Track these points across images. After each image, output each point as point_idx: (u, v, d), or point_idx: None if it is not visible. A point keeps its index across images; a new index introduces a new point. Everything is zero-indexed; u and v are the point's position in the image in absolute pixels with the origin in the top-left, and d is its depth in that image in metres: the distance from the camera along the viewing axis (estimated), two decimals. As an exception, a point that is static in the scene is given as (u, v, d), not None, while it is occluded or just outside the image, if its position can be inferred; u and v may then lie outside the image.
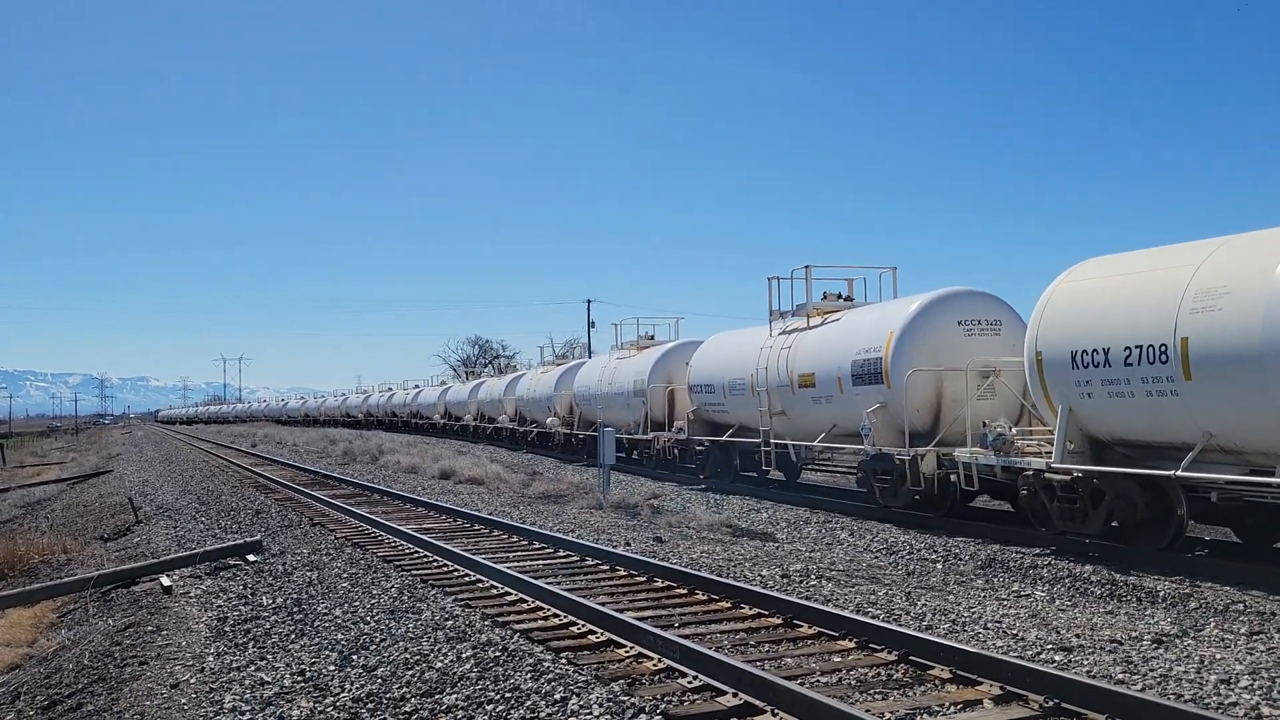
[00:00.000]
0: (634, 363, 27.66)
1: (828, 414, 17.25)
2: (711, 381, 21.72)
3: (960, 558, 12.17)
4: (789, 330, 19.06)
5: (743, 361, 20.21)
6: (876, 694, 6.46)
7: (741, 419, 20.68)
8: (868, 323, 16.74)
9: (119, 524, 18.27)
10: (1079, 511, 12.14)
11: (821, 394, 17.31)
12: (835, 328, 17.65)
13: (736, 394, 20.45)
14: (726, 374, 20.96)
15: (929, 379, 15.20)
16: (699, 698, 6.43)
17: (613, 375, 28.82)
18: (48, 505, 27.19)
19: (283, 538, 14.61)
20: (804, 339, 18.29)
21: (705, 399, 22.11)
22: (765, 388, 18.97)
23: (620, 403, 27.93)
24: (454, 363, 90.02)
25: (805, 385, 17.77)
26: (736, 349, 21.02)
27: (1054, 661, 7.10)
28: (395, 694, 6.69)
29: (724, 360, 21.39)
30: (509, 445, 40.09)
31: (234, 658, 7.96)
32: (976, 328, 15.49)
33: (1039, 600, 9.58)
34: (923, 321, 15.53)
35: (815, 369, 17.50)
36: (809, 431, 17.98)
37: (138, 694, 7.27)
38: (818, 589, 9.94)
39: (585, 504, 18.75)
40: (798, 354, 18.18)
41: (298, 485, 23.81)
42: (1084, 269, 12.63)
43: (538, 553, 12.72)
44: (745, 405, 20.10)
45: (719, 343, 22.75)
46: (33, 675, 8.83)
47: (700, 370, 22.55)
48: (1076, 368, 11.86)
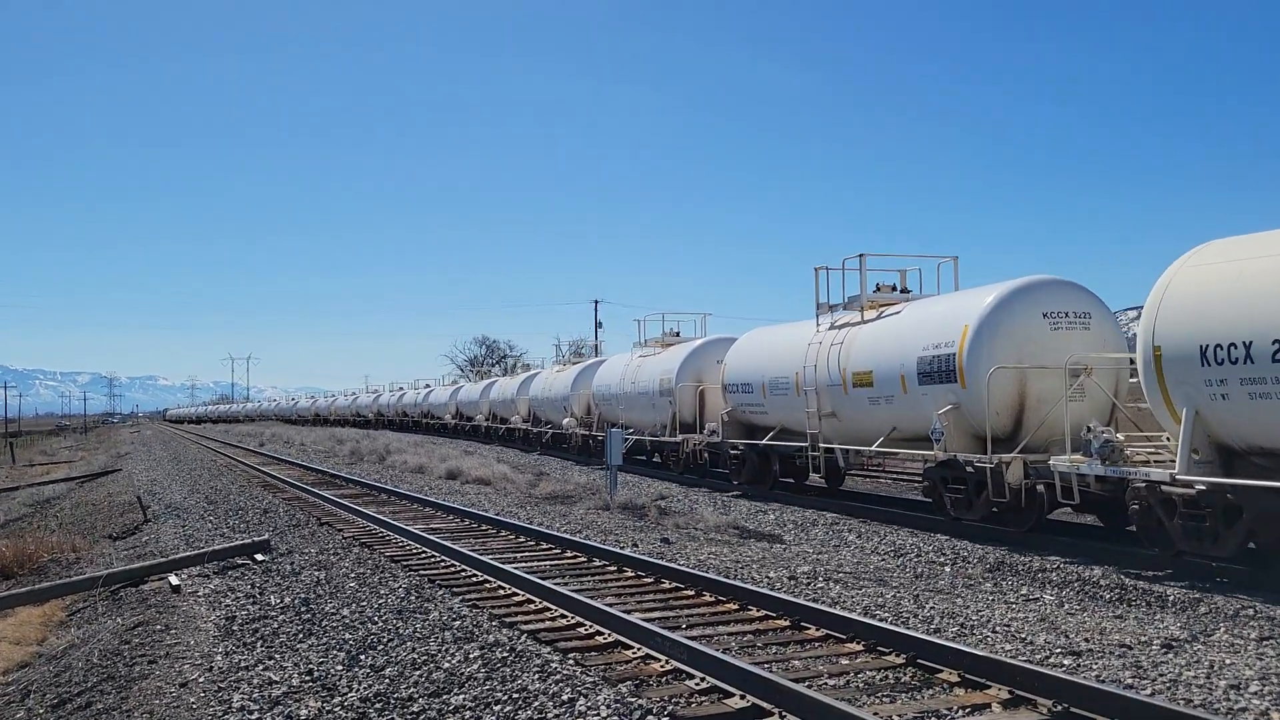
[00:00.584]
0: (660, 361, 26.36)
1: (887, 416, 15.82)
2: (749, 380, 20.24)
3: (968, 560, 12.14)
4: (840, 325, 17.56)
5: (786, 359, 18.80)
6: (885, 697, 6.45)
7: (783, 421, 19.22)
8: (936, 315, 15.13)
9: (128, 523, 18.32)
10: (1208, 531, 10.69)
11: (880, 394, 15.84)
12: (896, 321, 16.11)
13: (779, 394, 19.06)
14: (767, 372, 19.49)
15: (1011, 377, 13.67)
16: (706, 700, 6.43)
17: (636, 374, 27.45)
18: (57, 504, 27.28)
19: (290, 537, 14.64)
20: (859, 334, 16.79)
21: (742, 399, 20.66)
22: (813, 387, 17.51)
23: (644, 403, 26.64)
24: (461, 363, 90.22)
25: (861, 384, 16.29)
26: (779, 345, 19.57)
27: (1063, 665, 7.08)
28: (403, 694, 6.70)
29: (764, 357, 19.91)
30: (522, 446, 39.31)
31: (242, 657, 7.98)
32: (1064, 320, 13.87)
33: (1048, 604, 9.56)
34: (1004, 313, 13.93)
35: (873, 367, 16.00)
36: (863, 435, 16.59)
37: (147, 693, 7.29)
38: (825, 591, 9.92)
39: (592, 505, 18.74)
40: (851, 350, 16.70)
41: (305, 485, 23.85)
42: (1211, 251, 11.12)
43: (545, 553, 12.72)
44: (789, 406, 18.72)
45: (758, 339, 21.14)
46: (42, 673, 8.86)
47: (736, 368, 21.01)
48: (1207, 364, 10.36)
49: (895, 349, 15.60)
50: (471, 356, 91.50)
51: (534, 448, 37.66)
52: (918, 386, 14.95)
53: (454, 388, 57.91)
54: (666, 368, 25.45)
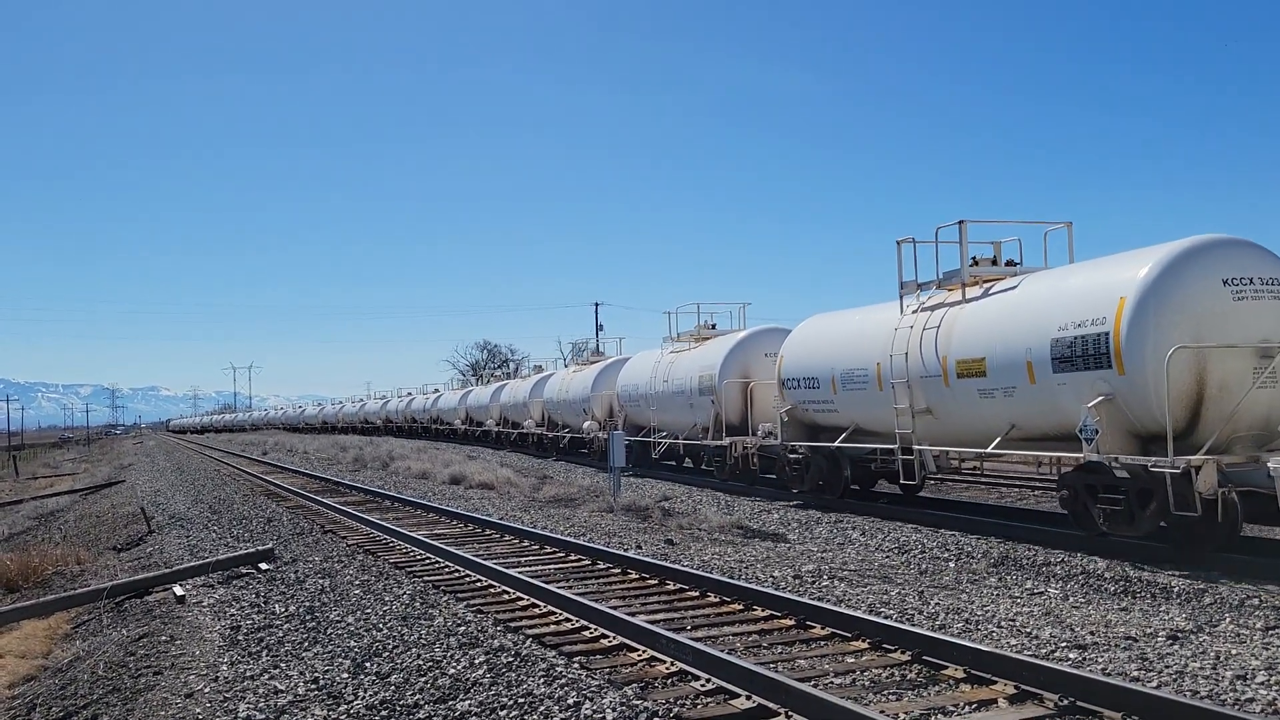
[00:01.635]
0: (698, 356, 23.80)
1: (1003, 411, 13.27)
2: (814, 374, 17.65)
3: (973, 556, 12.13)
4: (933, 305, 15.01)
5: (864, 347, 16.36)
6: (890, 695, 6.45)
7: (859, 419, 16.75)
8: (1075, 288, 12.46)
9: (132, 534, 18.33)
10: None
11: (995, 385, 13.27)
12: (1014, 298, 13.47)
13: (854, 388, 16.59)
14: (837, 363, 16.98)
15: (1188, 360, 10.92)
16: (712, 700, 6.43)
17: (669, 371, 25.04)
18: (61, 516, 27.29)
19: (295, 545, 14.64)
20: (961, 315, 14.19)
21: (804, 396, 18.07)
22: (903, 379, 14.94)
23: (680, 403, 24.26)
24: (463, 368, 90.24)
25: (968, 374, 13.74)
26: (852, 332, 17.13)
27: (1068, 660, 7.08)
28: (409, 700, 6.70)
29: (834, 347, 17.38)
30: (535, 452, 37.56)
31: (248, 666, 7.98)
32: (1249, 289, 11.22)
33: (1053, 598, 9.55)
34: (1173, 281, 11.20)
35: (985, 353, 13.42)
36: (970, 434, 14.12)
37: (153, 704, 7.29)
38: (830, 590, 9.92)
39: (596, 507, 18.74)
40: (953, 334, 14.13)
41: (309, 493, 23.85)
42: None
43: (549, 557, 12.72)
44: (867, 402, 16.26)
45: (823, 326, 18.56)
46: (48, 686, 8.86)
47: (797, 361, 18.40)
48: None
49: (1017, 330, 13.02)
50: (473, 361, 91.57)
51: (549, 453, 35.92)
52: (1051, 375, 12.28)
53: (463, 391, 55.74)
54: (707, 363, 22.94)
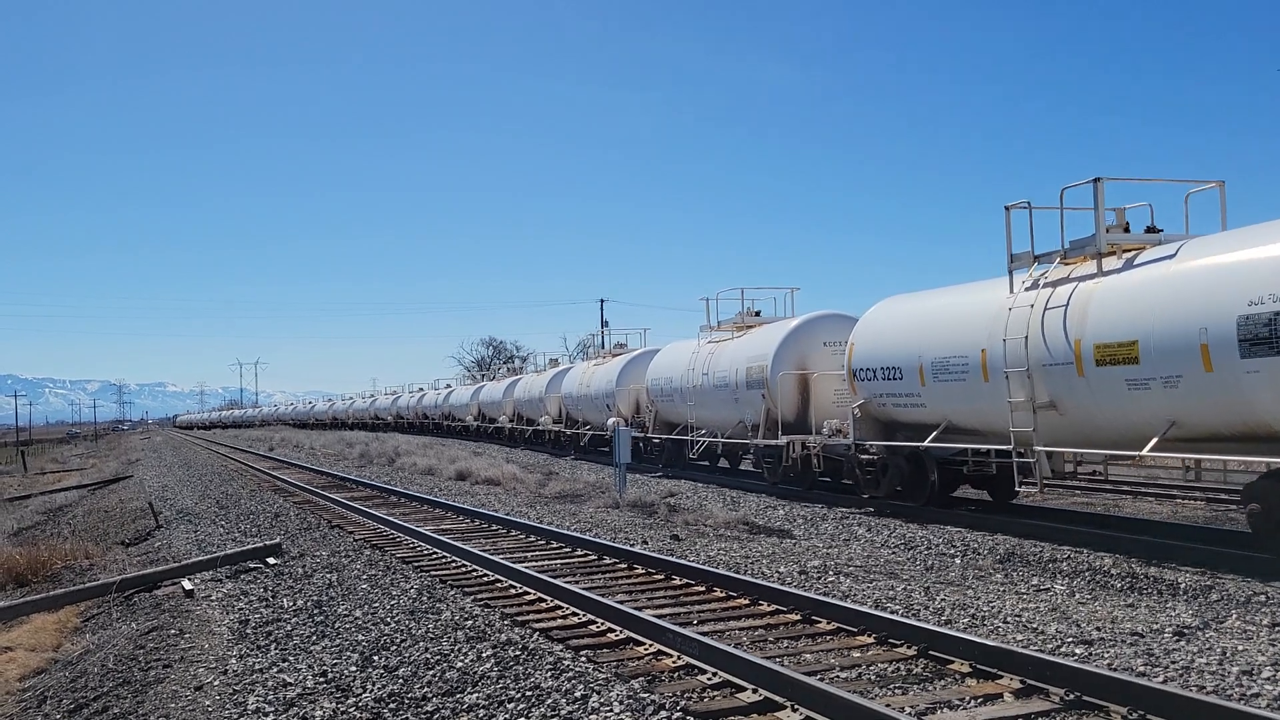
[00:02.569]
0: (744, 345, 21.66)
1: (1162, 405, 11.21)
2: (896, 364, 15.61)
3: (979, 552, 12.13)
4: (1057, 280, 12.88)
5: (961, 332, 14.27)
6: (896, 689, 6.47)
7: (953, 415, 14.64)
8: (1267, 255, 10.31)
9: (140, 529, 18.40)
10: None
11: (1151, 374, 11.19)
12: (1174, 269, 11.37)
13: (949, 379, 14.44)
14: (926, 351, 14.86)
15: None
16: (719, 694, 6.46)
17: (709, 363, 22.90)
18: (69, 511, 27.39)
19: (302, 540, 14.69)
20: (1099, 290, 12.16)
21: (882, 389, 16.05)
22: (1020, 368, 12.82)
23: (722, 398, 22.11)
24: (468, 364, 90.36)
25: (1111, 361, 11.69)
26: (945, 315, 15.00)
27: (1075, 655, 7.09)
28: (417, 694, 6.73)
29: (920, 332, 15.27)
30: (553, 450, 35.87)
31: (256, 660, 8.02)
32: None
33: (1059, 594, 9.56)
34: None
35: (1137, 335, 11.37)
36: (1111, 432, 12.11)
37: (162, 696, 7.33)
38: (836, 585, 9.94)
39: (602, 503, 18.78)
40: (1088, 313, 12.07)
41: (316, 488, 23.92)
42: None
43: (555, 552, 12.75)
44: (967, 395, 14.15)
45: (904, 309, 16.43)
46: (58, 679, 8.91)
47: (872, 349, 16.36)
48: None
49: (1185, 307, 11.02)
50: (479, 358, 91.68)
51: (567, 451, 34.11)
52: (1239, 360, 10.32)
53: (475, 387, 53.76)
54: (757, 353, 20.66)
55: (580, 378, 33.72)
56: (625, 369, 29.55)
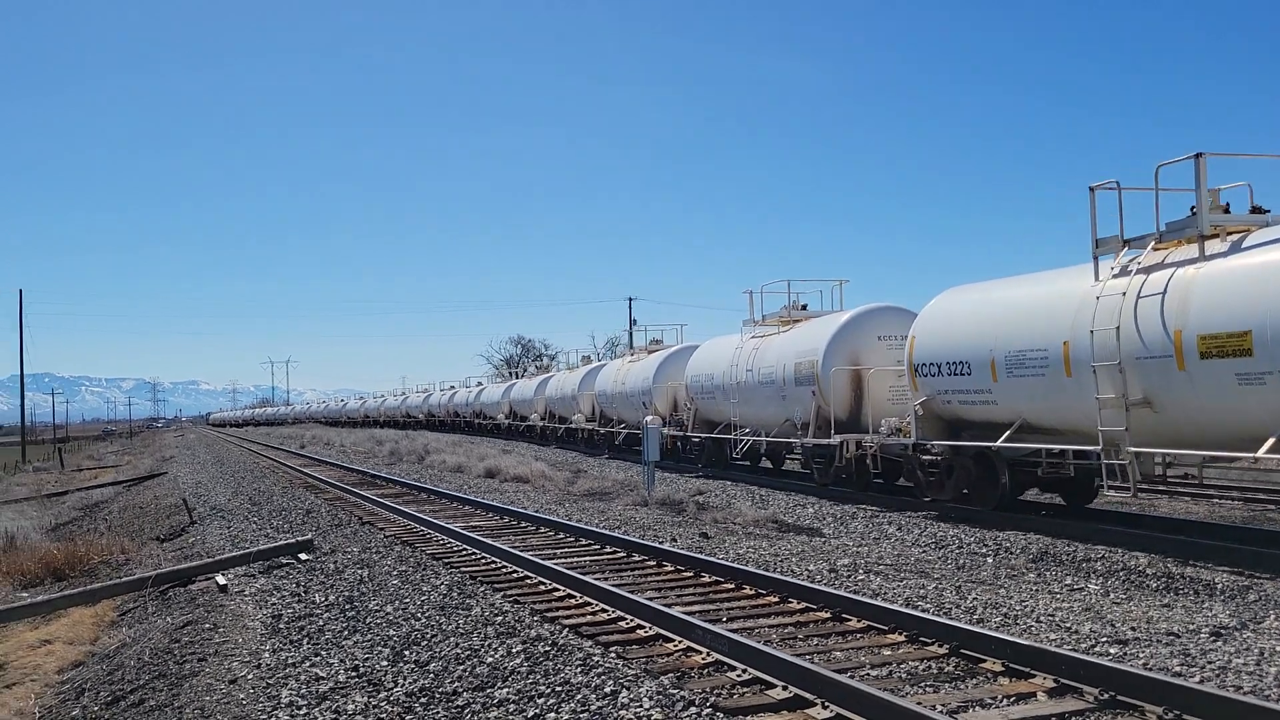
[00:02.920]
0: (792, 340, 20.67)
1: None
2: (963, 358, 14.62)
3: (1011, 551, 12.04)
4: (1150, 266, 11.90)
5: (1039, 322, 13.29)
6: (928, 687, 6.43)
7: (1029, 413, 13.61)
8: None
9: (174, 525, 18.61)
10: None
11: (1268, 367, 10.24)
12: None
13: (1025, 374, 13.42)
14: (999, 344, 13.86)
15: None
16: (749, 691, 6.45)
17: (754, 358, 21.94)
18: (105, 507, 27.78)
19: (333, 536, 14.81)
20: (1202, 276, 11.13)
21: (947, 385, 14.99)
22: (1111, 361, 11.79)
23: (767, 395, 21.17)
24: (496, 362, 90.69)
25: (1219, 353, 10.71)
26: (1020, 305, 13.96)
27: (1109, 654, 7.02)
28: (448, 688, 6.77)
29: (992, 324, 14.26)
30: (586, 449, 35.18)
31: (289, 654, 8.09)
32: None
33: (1093, 594, 9.46)
34: None
35: (1249, 325, 10.39)
36: (1218, 433, 11.16)
37: (197, 689, 7.42)
38: (866, 583, 9.89)
39: (630, 501, 18.79)
40: (1190, 302, 11.10)
41: (346, 485, 24.11)
42: None
43: (584, 549, 12.78)
44: (1046, 392, 13.13)
45: (971, 299, 15.42)
46: (95, 672, 9.04)
47: (936, 342, 15.37)
48: None
49: None
50: (507, 356, 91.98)
51: (600, 450, 33.28)
52: None
53: (507, 384, 52.87)
54: (806, 348, 19.66)
55: (615, 375, 32.87)
56: (662, 365, 28.75)
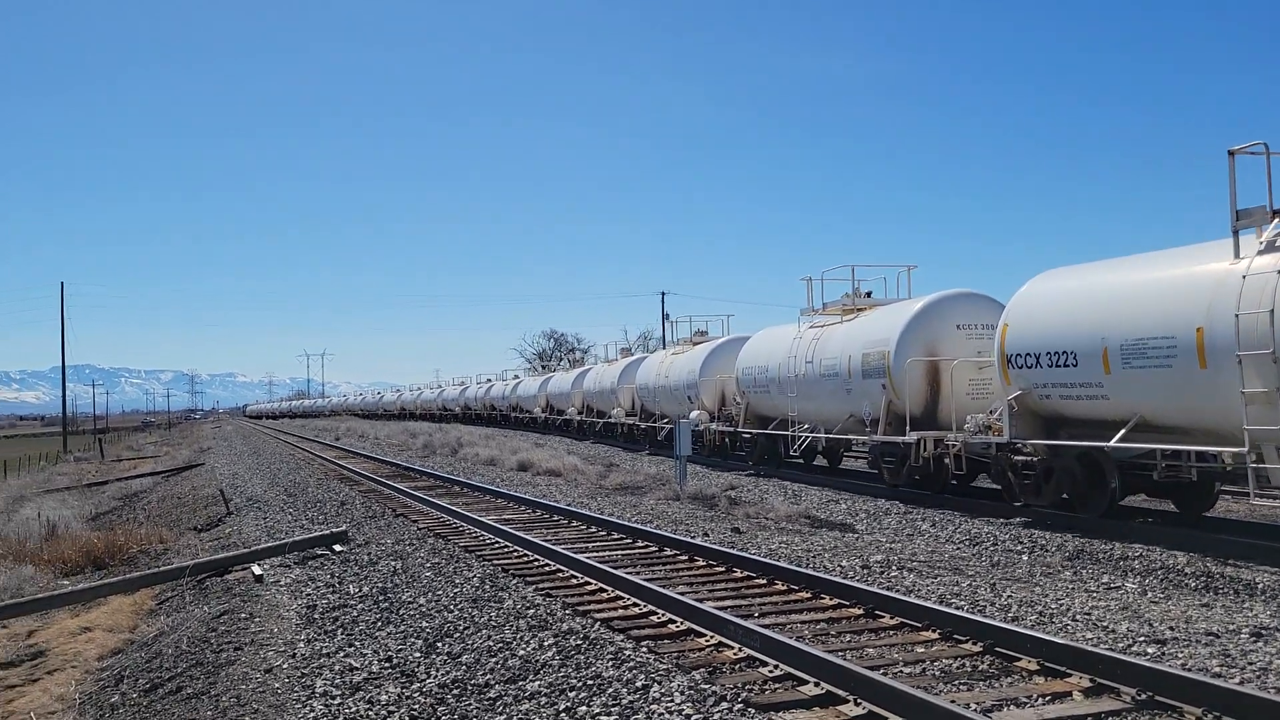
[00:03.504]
0: (857, 329, 19.23)
1: None
2: (1067, 347, 13.21)
3: (1047, 549, 11.92)
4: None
5: (1163, 306, 11.92)
6: (961, 685, 6.38)
7: (1148, 409, 12.29)
8: None
9: (211, 515, 18.85)
10: None
11: None
12: None
13: (1145, 365, 12.06)
14: (1112, 331, 12.48)
15: None
16: (780, 686, 6.42)
17: (814, 349, 20.56)
18: (144, 497, 28.19)
19: (367, 528, 14.93)
20: None
21: (1047, 378, 13.61)
22: (1264, 350, 10.47)
23: (830, 388, 19.80)
24: (529, 356, 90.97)
25: None
26: (1139, 287, 12.54)
27: (1147, 654, 6.92)
28: (480, 680, 6.81)
29: (1102, 309, 12.84)
30: (625, 444, 34.30)
31: (323, 644, 8.17)
32: None
33: (1130, 592, 9.35)
34: None
35: None
36: None
37: (234, 678, 7.51)
38: (899, 580, 9.83)
39: (662, 495, 18.79)
40: None
41: (380, 477, 24.29)
42: None
43: (616, 543, 12.79)
44: (1172, 385, 11.78)
45: (1072, 285, 13.93)
46: (134, 659, 9.18)
47: (1032, 330, 13.99)
48: None
49: None
50: (540, 349, 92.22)
51: (641, 445, 32.41)
52: None
53: (544, 378, 52.36)
54: (875, 337, 18.31)
55: (657, 368, 31.57)
56: (710, 357, 27.39)
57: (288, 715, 6.47)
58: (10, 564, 14.28)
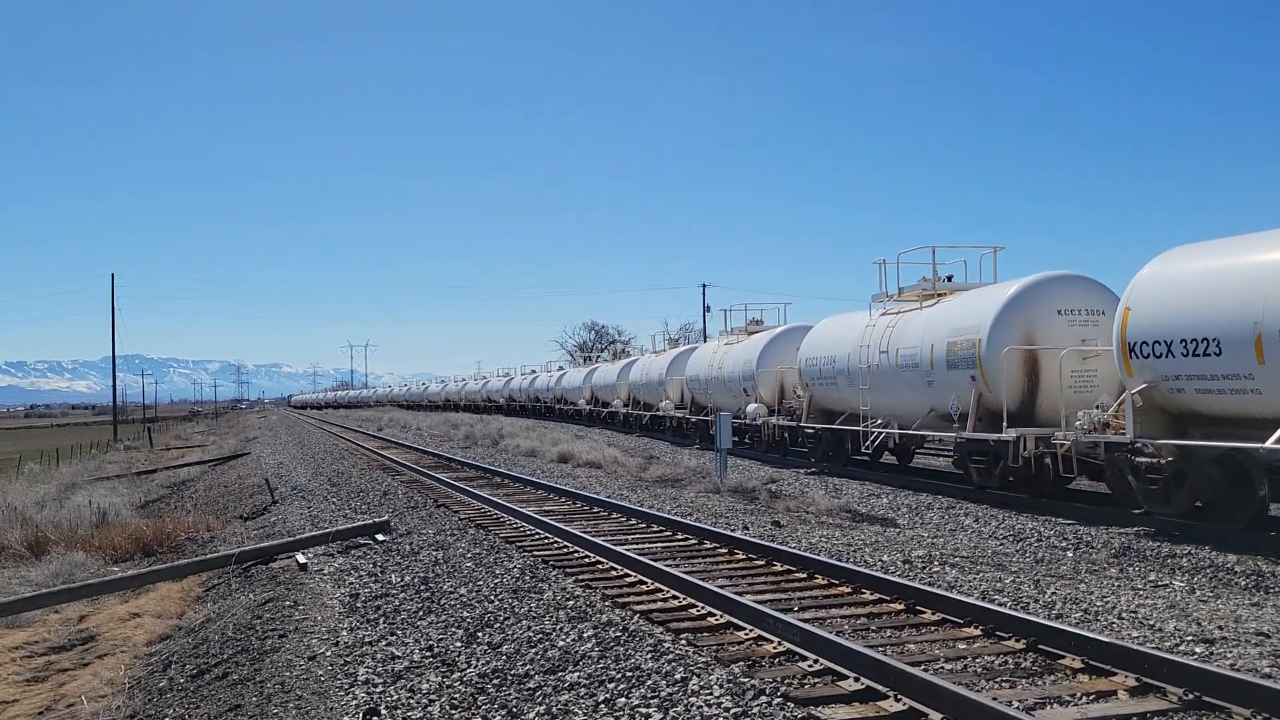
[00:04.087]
0: (939, 316, 17.64)
1: None
2: (1207, 333, 11.62)
3: (1093, 546, 11.75)
4: None
5: None
6: (1004, 682, 6.31)
7: None
8: None
9: (257, 504, 19.12)
10: None
11: None
12: None
13: None
14: (1269, 316, 10.92)
15: None
16: (820, 681, 6.39)
17: (889, 338, 18.93)
18: (192, 485, 28.67)
19: (409, 518, 15.06)
20: None
21: (1178, 369, 12.04)
22: None
23: (909, 380, 18.13)
24: (570, 347, 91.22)
25: None
26: None
27: (1194, 654, 6.81)
28: (519, 670, 6.85)
29: (1256, 290, 11.20)
30: (673, 438, 33.25)
31: (366, 633, 8.26)
32: None
33: (1178, 590, 9.19)
34: None
35: None
36: None
37: (278, 665, 7.61)
38: (941, 575, 9.75)
39: (702, 488, 18.77)
40: None
41: (422, 468, 24.50)
42: None
43: (656, 535, 12.80)
44: None
45: (1209, 265, 12.26)
46: (182, 645, 9.34)
47: (1162, 315, 12.37)
48: None
49: None
50: (580, 341, 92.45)
51: (690, 439, 31.79)
52: None
53: (589, 369, 51.81)
54: (963, 324, 16.68)
55: (710, 358, 30.09)
56: (769, 347, 25.79)
57: (330, 702, 6.54)
58: (62, 550, 14.60)
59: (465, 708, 6.21)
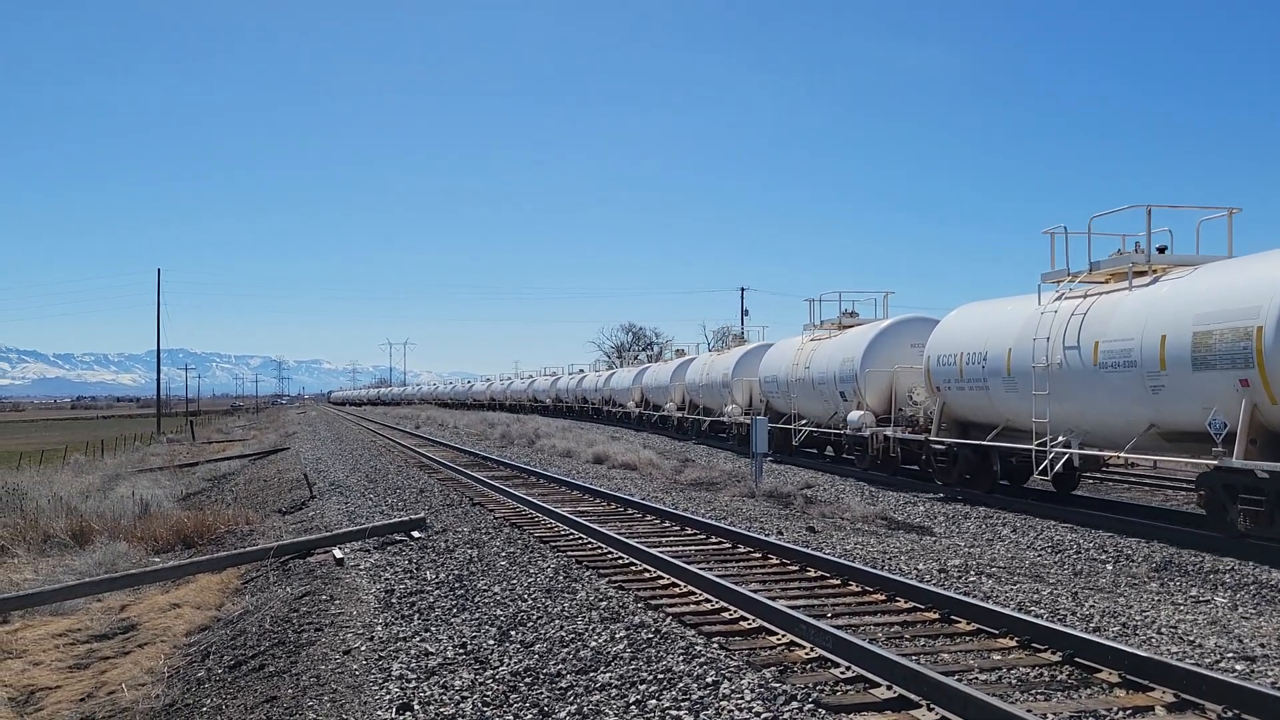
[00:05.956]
0: (1170, 296, 13.10)
1: None
2: None
3: (1133, 559, 11.59)
4: None
5: None
6: (1039, 694, 6.25)
7: None
8: None
9: (295, 498, 19.34)
10: None
11: None
12: None
13: None
14: None
15: None
16: (852, 688, 6.36)
17: (1075, 329, 14.45)
18: (232, 479, 29.04)
19: (445, 516, 15.17)
20: None
21: None
22: None
23: (1116, 384, 13.60)
24: (608, 349, 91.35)
25: None
26: None
27: (1235, 671, 6.70)
28: (552, 670, 6.87)
29: None
30: (738, 448, 28.90)
31: (400, 628, 8.33)
32: None
33: (1220, 606, 9.05)
34: None
35: None
36: None
37: (314, 658, 7.70)
38: (977, 585, 9.66)
39: (737, 492, 18.73)
40: None
41: (458, 466, 24.66)
42: None
43: (690, 538, 12.80)
44: None
45: None
46: (220, 636, 9.47)
47: None
48: None
49: None
50: (618, 343, 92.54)
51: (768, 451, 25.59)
52: None
53: (639, 369, 49.09)
54: (1224, 308, 12.07)
55: (790, 357, 26.41)
56: (878, 341, 21.75)
57: (364, 696, 6.61)
58: (106, 540, 14.85)
59: (497, 705, 6.25)
